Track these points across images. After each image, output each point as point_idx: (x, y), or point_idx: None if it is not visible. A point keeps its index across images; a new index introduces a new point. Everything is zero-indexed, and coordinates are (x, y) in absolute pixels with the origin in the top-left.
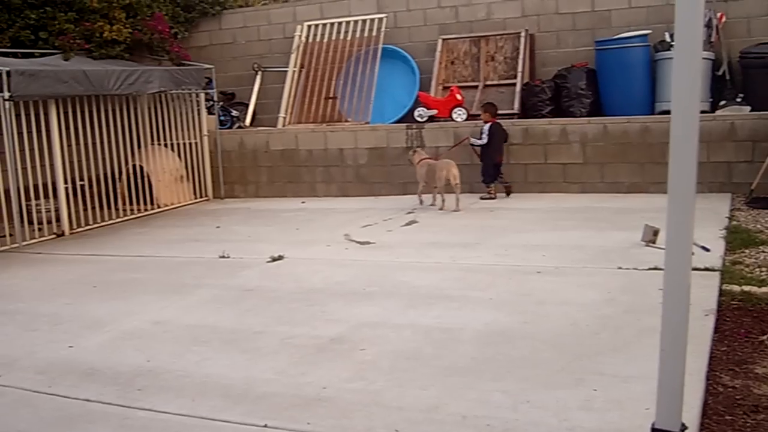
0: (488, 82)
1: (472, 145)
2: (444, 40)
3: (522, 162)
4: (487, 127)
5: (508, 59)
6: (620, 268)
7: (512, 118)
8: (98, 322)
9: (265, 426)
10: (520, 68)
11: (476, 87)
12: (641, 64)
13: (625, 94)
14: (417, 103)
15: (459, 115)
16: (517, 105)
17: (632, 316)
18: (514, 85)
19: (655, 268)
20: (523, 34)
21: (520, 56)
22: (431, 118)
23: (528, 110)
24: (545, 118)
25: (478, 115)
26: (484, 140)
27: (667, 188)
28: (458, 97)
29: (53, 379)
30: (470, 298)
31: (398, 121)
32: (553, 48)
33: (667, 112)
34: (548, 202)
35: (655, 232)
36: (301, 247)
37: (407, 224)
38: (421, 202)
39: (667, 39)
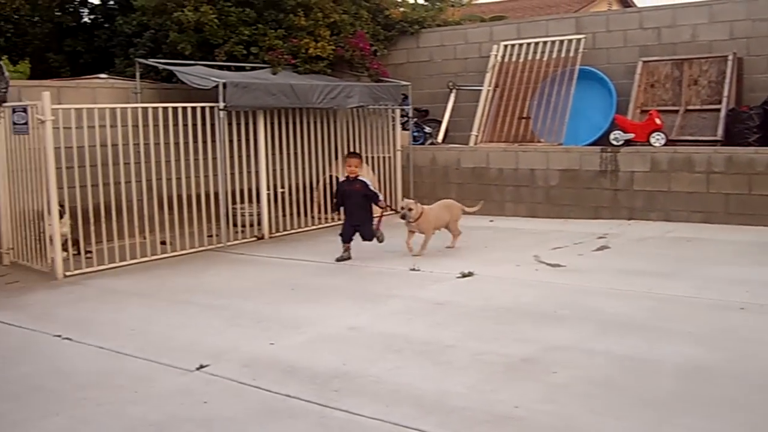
0: (690, 107)
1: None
2: (644, 62)
3: (723, 192)
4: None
5: (712, 83)
6: None
7: (715, 146)
8: (296, 322)
9: None
10: (725, 93)
11: (676, 111)
12: None
13: None
14: (613, 126)
15: (657, 140)
16: (720, 132)
17: None
18: (718, 110)
19: None
20: (730, 57)
21: (726, 80)
22: (627, 142)
23: (732, 138)
24: (751, 146)
25: (678, 141)
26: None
27: None
28: (657, 121)
29: (257, 373)
30: (667, 329)
31: (592, 144)
32: (763, 73)
33: None
34: (751, 235)
35: None
36: (490, 265)
37: (598, 249)
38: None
39: None
